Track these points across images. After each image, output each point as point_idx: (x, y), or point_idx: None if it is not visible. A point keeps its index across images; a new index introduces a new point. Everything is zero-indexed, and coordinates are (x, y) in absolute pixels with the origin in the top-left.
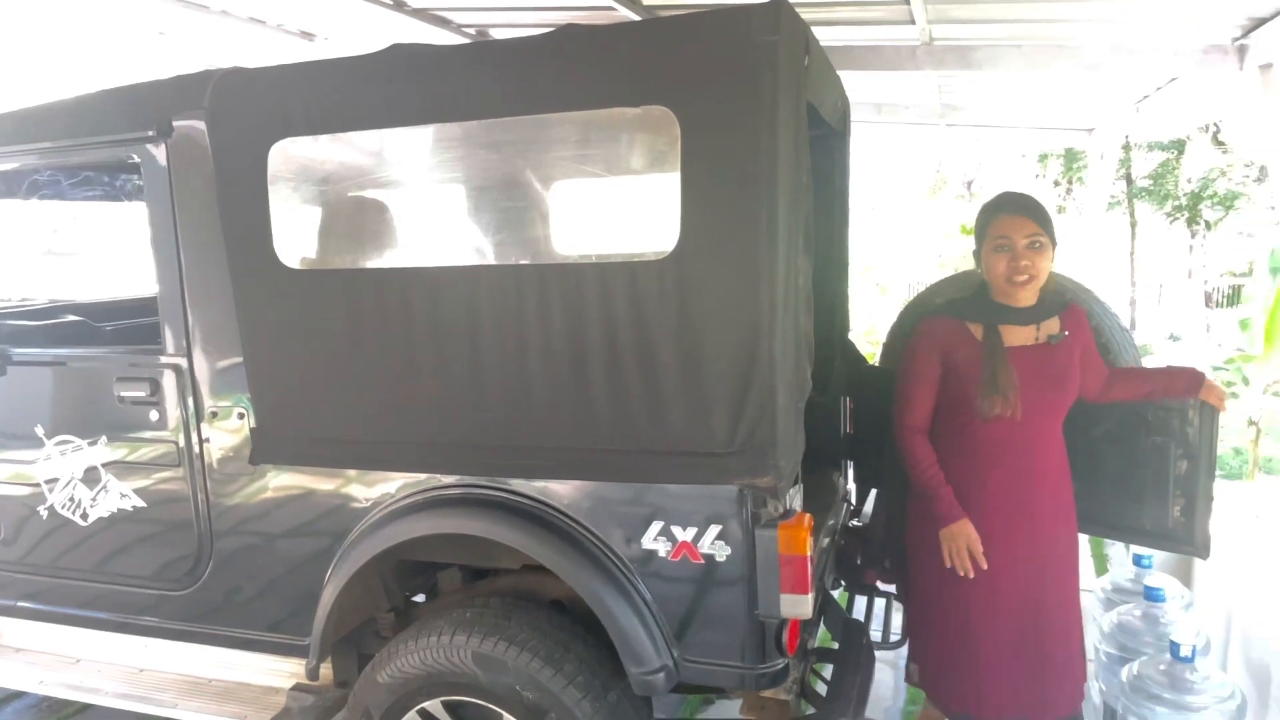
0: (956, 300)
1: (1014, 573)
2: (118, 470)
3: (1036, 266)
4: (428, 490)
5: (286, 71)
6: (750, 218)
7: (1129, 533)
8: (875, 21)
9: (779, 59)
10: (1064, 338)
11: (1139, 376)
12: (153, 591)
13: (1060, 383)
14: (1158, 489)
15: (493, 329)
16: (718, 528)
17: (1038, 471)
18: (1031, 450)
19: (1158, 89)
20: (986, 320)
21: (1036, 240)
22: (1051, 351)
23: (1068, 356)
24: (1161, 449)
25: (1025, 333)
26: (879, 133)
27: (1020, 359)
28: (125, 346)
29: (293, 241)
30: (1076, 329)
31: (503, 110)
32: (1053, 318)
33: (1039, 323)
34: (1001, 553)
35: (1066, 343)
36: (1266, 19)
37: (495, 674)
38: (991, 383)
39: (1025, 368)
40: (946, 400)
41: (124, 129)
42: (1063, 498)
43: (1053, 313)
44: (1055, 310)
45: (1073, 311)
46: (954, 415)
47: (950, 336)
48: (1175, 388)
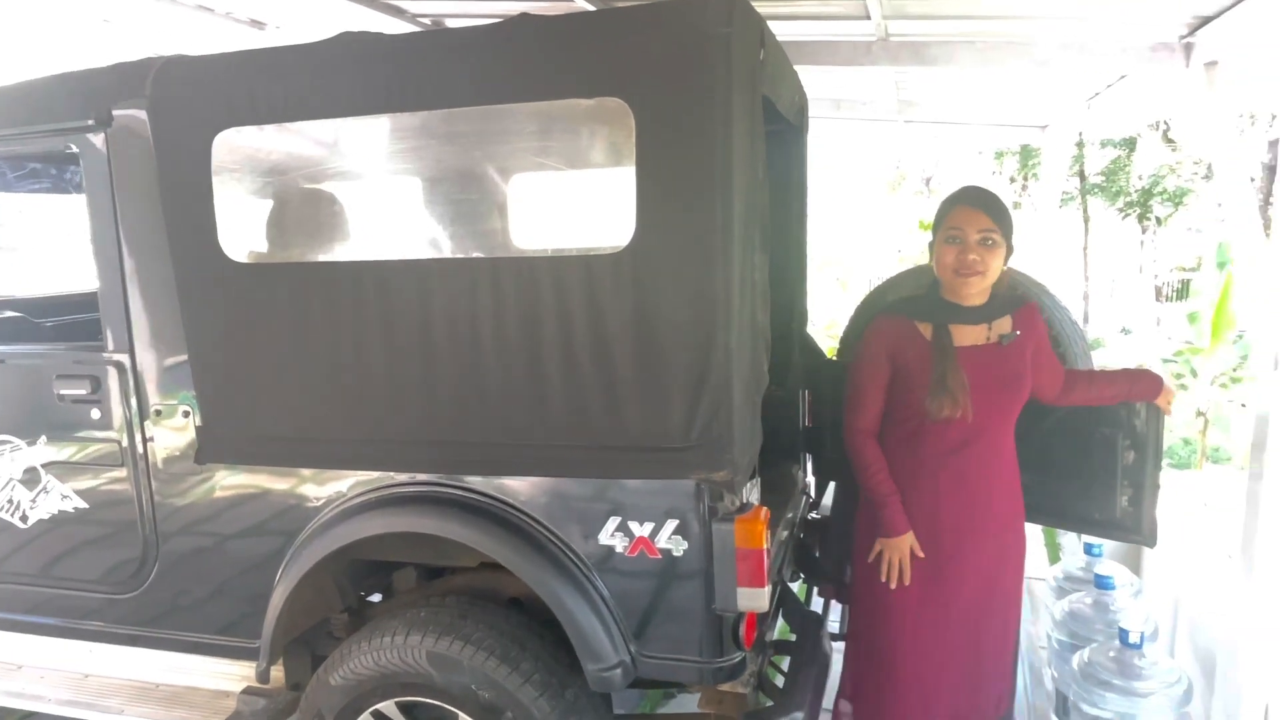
0: (906, 299)
1: (964, 585)
2: (59, 471)
3: (985, 262)
4: (381, 488)
5: (231, 59)
6: (706, 211)
7: (1078, 522)
8: (831, 16)
9: (733, 51)
10: (1015, 337)
11: (1100, 381)
12: (97, 595)
13: (1012, 384)
14: (1106, 479)
15: (446, 324)
16: (675, 522)
17: (989, 475)
18: (983, 454)
19: (1108, 86)
20: (936, 319)
21: (989, 237)
22: (1003, 352)
23: (1019, 357)
24: (1109, 440)
25: (976, 332)
26: (838, 128)
27: (970, 359)
28: (65, 343)
29: (239, 234)
30: (1029, 328)
31: (454, 100)
32: (1004, 317)
33: (990, 321)
34: (953, 564)
35: (1019, 342)
36: (1211, 17)
37: (451, 674)
38: (940, 384)
39: (976, 368)
40: (896, 402)
41: (62, 118)
42: (1014, 504)
43: (1005, 311)
44: (1008, 309)
45: (1027, 310)
46: (904, 418)
47: (899, 336)
48: (1136, 392)
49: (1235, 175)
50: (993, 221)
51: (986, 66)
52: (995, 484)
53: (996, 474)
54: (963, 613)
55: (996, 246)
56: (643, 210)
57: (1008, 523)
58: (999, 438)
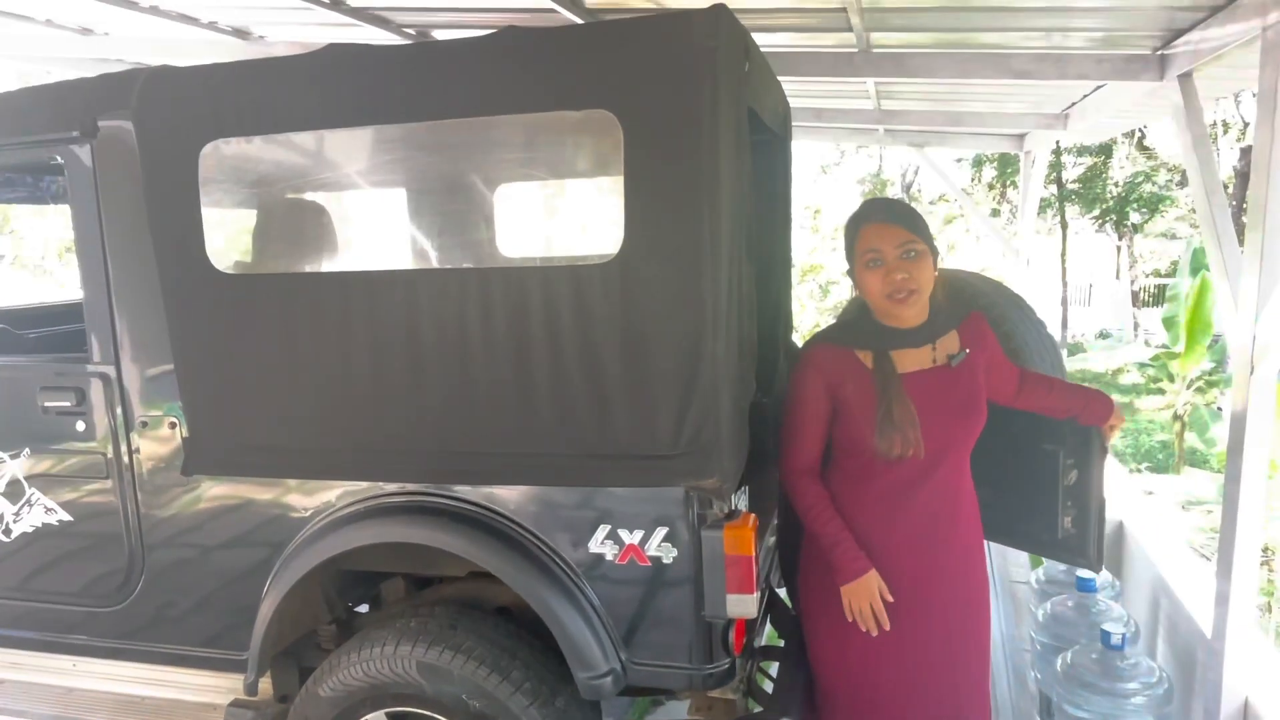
0: (841, 325)
1: (931, 632)
2: (43, 483)
3: (915, 279)
4: (369, 498)
5: (218, 71)
6: (693, 221)
7: (1027, 541)
8: (814, 28)
9: (719, 64)
10: (965, 356)
11: (1057, 389)
12: (82, 608)
13: (967, 409)
14: (1049, 497)
15: (435, 333)
16: (664, 530)
17: (947, 514)
18: (940, 488)
19: (1084, 96)
20: (875, 346)
21: (911, 249)
22: (953, 374)
23: (971, 376)
24: (1052, 456)
25: (920, 355)
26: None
27: (918, 386)
28: (49, 355)
29: (225, 245)
30: (978, 341)
31: (442, 112)
32: (950, 333)
33: (934, 341)
34: (916, 612)
35: (969, 361)
36: (1185, 30)
37: (441, 683)
38: (887, 419)
39: (924, 396)
40: (841, 438)
41: (47, 129)
42: (975, 535)
43: (949, 327)
44: (952, 323)
45: (972, 322)
46: (850, 454)
47: (837, 367)
48: (1088, 413)
49: (1208, 183)
50: (909, 231)
51: (965, 77)
52: (956, 518)
53: (956, 508)
54: (933, 663)
55: (921, 257)
56: (631, 220)
57: (970, 557)
58: (956, 468)
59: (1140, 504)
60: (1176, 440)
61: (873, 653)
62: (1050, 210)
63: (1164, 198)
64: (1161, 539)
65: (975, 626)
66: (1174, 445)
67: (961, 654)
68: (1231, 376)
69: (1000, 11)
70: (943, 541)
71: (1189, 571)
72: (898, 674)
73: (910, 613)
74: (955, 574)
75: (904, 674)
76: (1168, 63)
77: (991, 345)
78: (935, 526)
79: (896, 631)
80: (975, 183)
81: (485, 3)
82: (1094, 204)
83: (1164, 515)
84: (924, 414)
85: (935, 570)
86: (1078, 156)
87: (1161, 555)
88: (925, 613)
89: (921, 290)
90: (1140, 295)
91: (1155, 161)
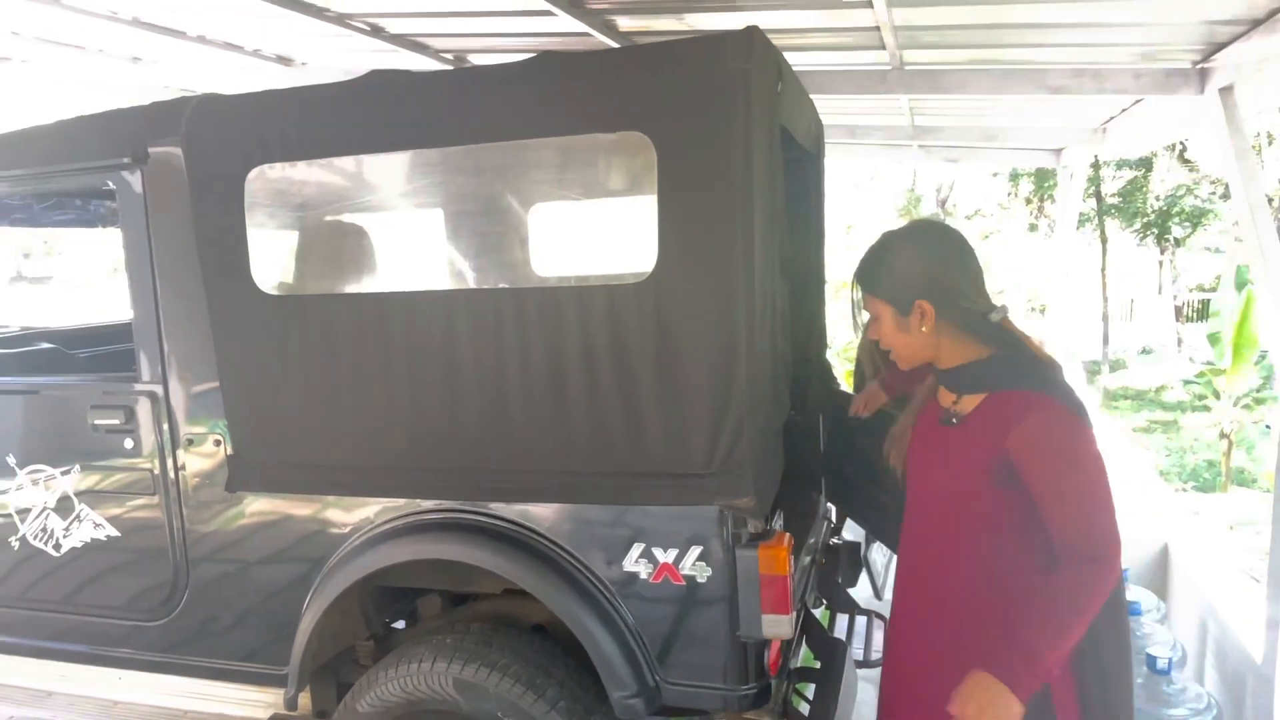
0: None
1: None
2: (91, 499)
3: (887, 340)
4: (407, 515)
5: (264, 98)
6: (726, 240)
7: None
8: (846, 47)
9: (752, 85)
10: (957, 421)
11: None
12: (127, 622)
13: (937, 468)
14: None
15: (471, 353)
16: (698, 549)
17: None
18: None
19: (1123, 110)
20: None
21: (872, 310)
22: (941, 430)
23: (956, 445)
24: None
25: (947, 398)
26: (854, 154)
27: (922, 421)
28: (99, 374)
29: (270, 267)
30: (987, 423)
31: (480, 136)
32: (975, 395)
33: (959, 393)
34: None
35: (961, 430)
36: (1225, 43)
37: (477, 700)
38: (894, 428)
39: (919, 433)
40: None
41: (100, 155)
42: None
43: (972, 389)
44: (976, 387)
45: (1002, 402)
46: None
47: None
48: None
49: (1251, 197)
50: (865, 294)
51: (1000, 94)
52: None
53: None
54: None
55: (879, 320)
56: (664, 240)
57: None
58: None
59: (1186, 525)
60: (1223, 459)
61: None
62: (1090, 224)
63: (1207, 211)
64: (1209, 561)
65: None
66: (1220, 464)
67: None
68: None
69: (1034, 28)
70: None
71: (1238, 594)
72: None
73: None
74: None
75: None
76: (1208, 76)
77: (1016, 443)
78: (916, 578)
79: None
80: (1012, 197)
81: (520, 28)
82: (1134, 218)
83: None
84: (913, 451)
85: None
86: (1117, 169)
87: (1209, 578)
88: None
89: (900, 352)
90: (1183, 310)
91: (1197, 174)
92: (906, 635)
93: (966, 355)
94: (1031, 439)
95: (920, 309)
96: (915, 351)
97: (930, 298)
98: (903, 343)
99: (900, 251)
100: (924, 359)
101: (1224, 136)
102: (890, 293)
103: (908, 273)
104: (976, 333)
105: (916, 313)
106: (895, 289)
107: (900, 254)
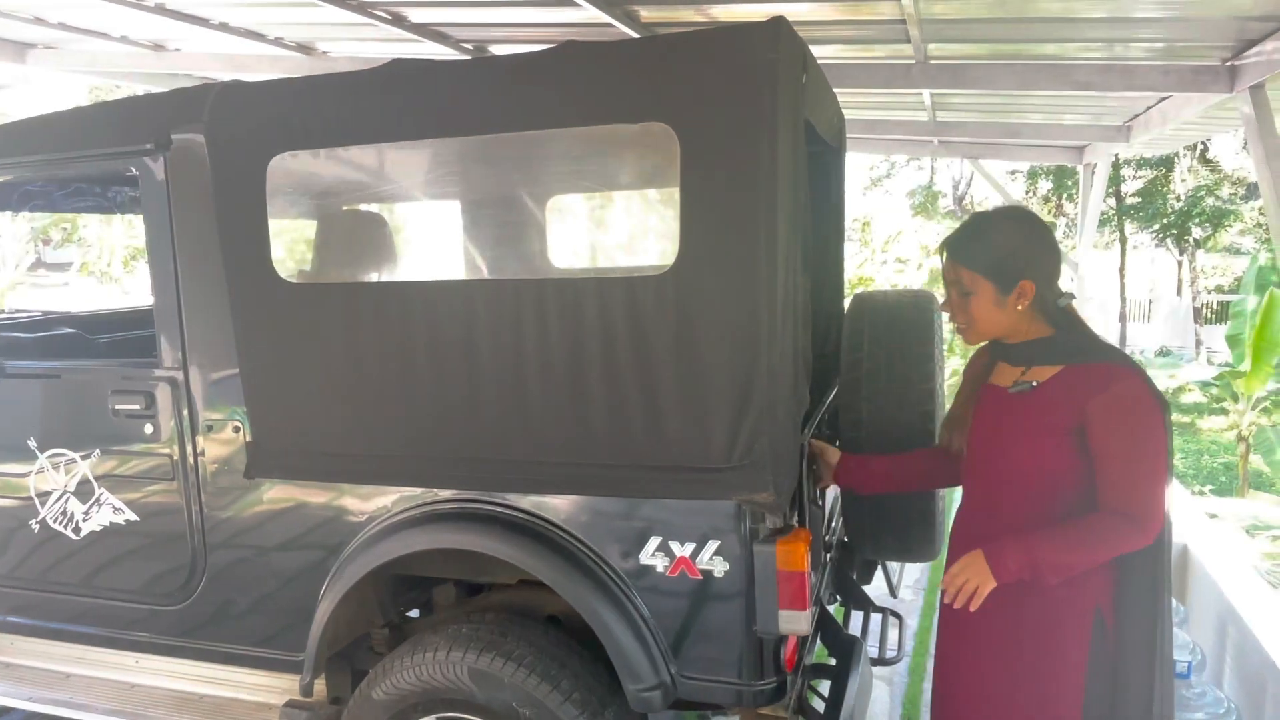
0: None
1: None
2: (111, 484)
3: (964, 314)
4: (424, 504)
5: (286, 86)
6: (750, 234)
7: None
8: (871, 40)
9: (778, 77)
10: (1030, 389)
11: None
12: (145, 606)
13: (1008, 435)
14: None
15: (491, 343)
16: (716, 543)
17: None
18: (980, 506)
19: (1148, 108)
20: (994, 352)
21: (957, 286)
22: (1011, 400)
23: (1029, 411)
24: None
25: (1011, 374)
26: (874, 149)
27: (986, 397)
28: (120, 359)
29: (291, 255)
30: (1067, 392)
31: (502, 126)
32: (1049, 366)
33: (1028, 366)
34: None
35: (1034, 397)
36: (1256, 40)
37: (492, 690)
38: (951, 412)
39: (987, 410)
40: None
41: (123, 142)
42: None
43: (1050, 359)
44: (1056, 358)
45: (1081, 371)
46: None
47: (974, 365)
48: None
49: None
50: (954, 267)
51: (1025, 89)
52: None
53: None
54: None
55: (968, 294)
56: (686, 232)
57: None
58: (998, 494)
59: (1204, 527)
60: (1240, 462)
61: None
62: (1109, 225)
63: (1228, 212)
64: (1227, 564)
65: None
66: (1238, 467)
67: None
68: None
69: (1060, 22)
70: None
71: (1257, 598)
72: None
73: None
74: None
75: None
76: (1238, 73)
77: (1096, 409)
78: (973, 541)
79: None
80: (1030, 195)
81: (542, 18)
82: (1154, 218)
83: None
84: (979, 427)
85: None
86: (1137, 170)
87: (1228, 581)
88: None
89: (974, 326)
90: (1202, 312)
91: (1218, 175)
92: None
93: (1038, 332)
94: (1113, 405)
95: (1022, 288)
96: (998, 327)
97: (1033, 278)
98: (993, 318)
99: (1008, 232)
100: (999, 334)
101: (1254, 135)
102: (994, 270)
103: (1016, 253)
104: (1048, 313)
105: (1017, 291)
106: (1000, 267)
107: (1008, 234)
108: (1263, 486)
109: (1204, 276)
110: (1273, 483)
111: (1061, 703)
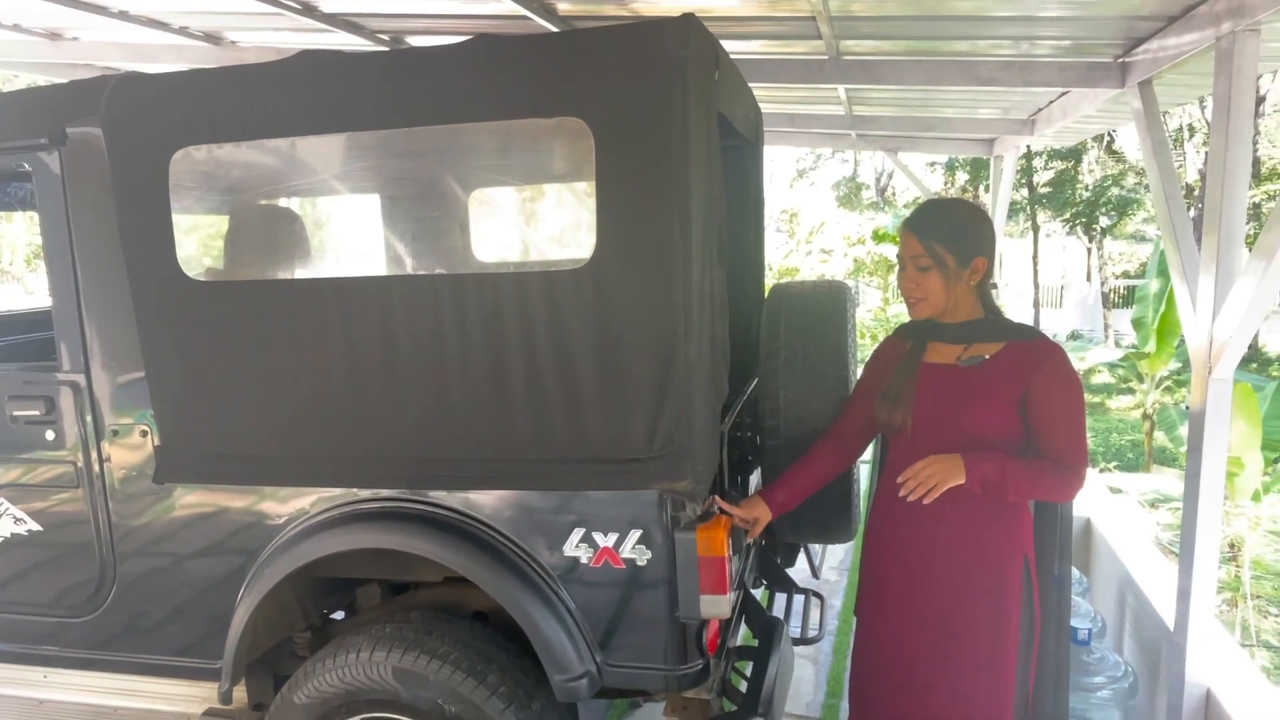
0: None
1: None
2: (11, 493)
3: (921, 288)
4: (344, 505)
5: (189, 77)
6: (664, 227)
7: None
8: (785, 36)
9: (689, 72)
10: (981, 362)
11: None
12: (53, 618)
13: (957, 407)
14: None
15: (409, 340)
16: (638, 533)
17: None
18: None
19: (1050, 103)
20: (918, 337)
21: (920, 261)
22: (963, 374)
23: (981, 382)
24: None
25: (951, 351)
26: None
27: (931, 376)
28: (17, 363)
29: (197, 252)
30: (1015, 365)
31: (415, 120)
32: (991, 343)
33: (968, 343)
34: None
35: (985, 369)
36: (1144, 39)
37: (416, 689)
38: (888, 392)
39: (932, 385)
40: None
41: (15, 136)
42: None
43: (990, 337)
44: (996, 336)
45: (1023, 347)
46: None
47: (890, 353)
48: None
49: (1168, 188)
50: (920, 243)
51: (933, 85)
52: (943, 518)
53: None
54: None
55: (930, 270)
56: (603, 226)
57: (964, 564)
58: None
59: (1107, 501)
60: (1145, 439)
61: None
62: (1022, 214)
63: (1132, 201)
64: (1128, 536)
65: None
66: (1143, 444)
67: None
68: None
69: (969, 20)
70: (929, 534)
71: (1154, 567)
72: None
73: (898, 597)
74: (944, 571)
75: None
76: (1128, 70)
77: (1035, 383)
78: (920, 515)
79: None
80: (948, 186)
81: (459, 9)
82: (1065, 207)
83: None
84: (924, 400)
85: (922, 558)
86: (1048, 161)
87: (1128, 552)
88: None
89: (929, 299)
90: (1110, 297)
91: (1124, 165)
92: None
93: (972, 313)
94: (1054, 377)
95: (976, 264)
96: (946, 301)
97: (985, 255)
98: (944, 291)
99: (966, 211)
100: (942, 309)
101: (1143, 129)
102: (956, 245)
103: (976, 233)
104: (983, 297)
105: (972, 267)
106: (962, 243)
107: (966, 214)
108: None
109: (1111, 263)
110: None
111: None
